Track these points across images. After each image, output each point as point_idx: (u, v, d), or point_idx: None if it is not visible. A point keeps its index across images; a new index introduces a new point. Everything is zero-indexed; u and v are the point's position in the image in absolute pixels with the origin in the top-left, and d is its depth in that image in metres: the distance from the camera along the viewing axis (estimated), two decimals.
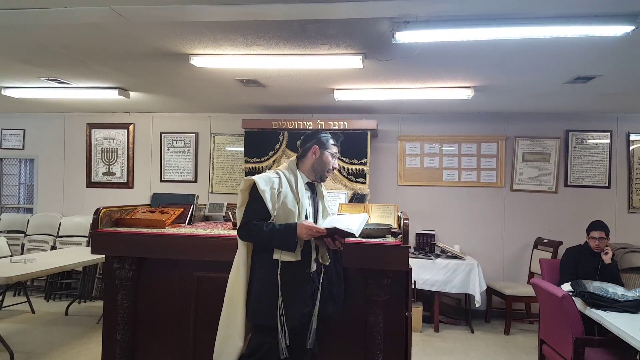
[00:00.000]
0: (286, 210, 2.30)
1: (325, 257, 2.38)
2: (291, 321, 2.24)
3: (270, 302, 2.23)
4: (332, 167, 2.45)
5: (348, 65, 3.66)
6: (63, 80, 4.60)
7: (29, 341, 4.41)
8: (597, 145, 5.60)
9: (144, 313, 2.97)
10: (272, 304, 2.22)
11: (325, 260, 2.37)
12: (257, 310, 2.28)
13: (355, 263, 2.63)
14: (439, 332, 5.01)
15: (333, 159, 2.46)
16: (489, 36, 2.87)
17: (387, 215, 3.26)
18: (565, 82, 4.17)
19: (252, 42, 3.29)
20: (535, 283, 3.53)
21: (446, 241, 5.62)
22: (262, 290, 2.29)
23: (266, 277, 2.27)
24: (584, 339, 2.98)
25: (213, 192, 6.22)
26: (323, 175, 2.46)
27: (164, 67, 4.01)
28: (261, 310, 2.26)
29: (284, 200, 2.31)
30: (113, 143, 6.51)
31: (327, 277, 2.41)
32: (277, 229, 2.23)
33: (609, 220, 4.49)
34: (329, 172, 2.47)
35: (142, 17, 2.80)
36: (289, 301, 2.23)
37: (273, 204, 2.28)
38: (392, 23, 2.79)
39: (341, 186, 5.26)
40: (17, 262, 4.25)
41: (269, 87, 4.67)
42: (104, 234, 2.91)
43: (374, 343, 2.63)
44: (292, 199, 2.33)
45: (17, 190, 6.99)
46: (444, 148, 5.83)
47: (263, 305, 2.26)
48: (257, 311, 2.29)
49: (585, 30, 2.75)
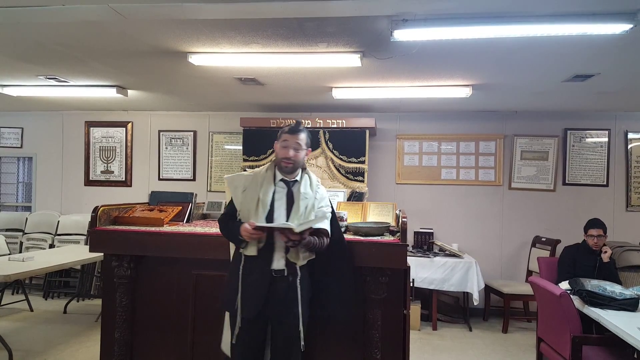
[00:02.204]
0: (248, 207, 2.37)
1: (295, 257, 2.33)
2: (246, 312, 2.32)
3: (230, 292, 2.37)
4: (284, 156, 2.39)
5: (346, 64, 3.66)
6: (61, 79, 4.59)
7: (27, 339, 4.41)
8: (596, 144, 5.61)
9: (142, 311, 2.97)
10: (232, 294, 2.36)
11: (294, 259, 2.34)
12: (222, 298, 2.46)
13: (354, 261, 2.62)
14: (437, 330, 5.02)
15: (285, 149, 2.38)
16: (487, 34, 2.87)
17: (386, 213, 3.26)
18: (563, 81, 4.18)
19: (250, 40, 3.29)
20: (533, 281, 3.54)
21: (444, 239, 5.63)
22: (228, 279, 2.44)
23: (232, 268, 2.42)
24: (582, 337, 2.99)
25: (211, 190, 6.23)
26: (280, 167, 2.43)
27: (162, 66, 4.01)
28: (224, 298, 2.42)
29: (248, 197, 2.38)
30: (111, 141, 6.50)
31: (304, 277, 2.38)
32: (229, 227, 2.40)
33: (607, 219, 4.50)
34: (283, 163, 2.40)
35: (141, 15, 2.79)
36: (245, 293, 2.33)
37: (237, 202, 2.42)
38: (391, 21, 2.79)
39: (339, 184, 5.26)
40: (16, 261, 4.25)
41: (268, 86, 4.66)
42: (102, 232, 2.91)
43: (372, 341, 2.63)
44: (254, 196, 2.37)
45: (15, 189, 6.98)
46: (442, 146, 5.84)
47: (226, 293, 2.41)
48: (222, 299, 2.46)
49: (584, 28, 2.75)
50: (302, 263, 2.37)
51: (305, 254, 2.37)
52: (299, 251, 2.33)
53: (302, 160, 2.46)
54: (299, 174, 2.48)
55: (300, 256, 2.35)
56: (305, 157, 2.48)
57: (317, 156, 5.38)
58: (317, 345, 2.75)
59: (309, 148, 2.50)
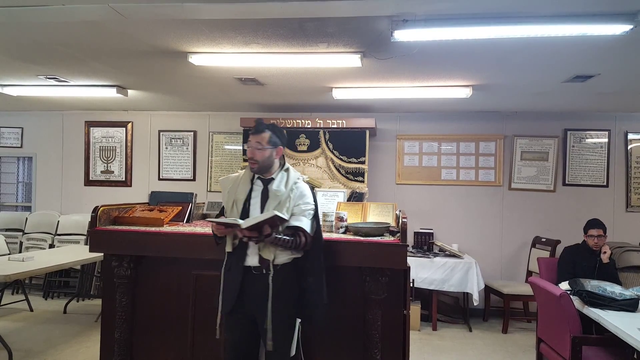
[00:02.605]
0: (228, 206, 2.49)
1: (268, 253, 2.35)
2: (223, 306, 2.43)
3: (218, 288, 2.48)
4: (248, 157, 2.46)
5: (347, 64, 3.66)
6: (61, 78, 4.59)
7: (27, 339, 4.41)
8: (596, 145, 5.61)
9: (142, 311, 2.97)
10: (218, 289, 2.47)
11: (267, 255, 2.35)
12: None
13: (353, 261, 2.62)
14: (437, 330, 5.02)
15: (249, 150, 2.45)
16: (488, 35, 2.87)
17: (386, 213, 3.26)
18: (563, 81, 4.17)
19: (250, 40, 3.29)
20: (533, 282, 3.53)
21: (444, 240, 5.63)
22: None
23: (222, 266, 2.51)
24: (582, 338, 2.99)
25: (211, 190, 6.22)
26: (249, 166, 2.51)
27: (163, 65, 4.01)
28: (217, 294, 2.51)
29: (230, 197, 2.49)
30: (111, 141, 6.50)
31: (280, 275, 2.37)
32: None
33: (607, 219, 4.50)
34: (250, 164, 2.46)
35: (141, 15, 2.79)
36: (224, 288, 2.44)
37: (224, 201, 2.56)
38: (391, 21, 2.79)
39: (340, 185, 5.26)
40: (16, 260, 4.25)
41: (268, 86, 4.66)
42: (102, 232, 2.91)
43: (372, 341, 2.63)
44: (232, 195, 2.48)
45: (15, 189, 6.98)
46: (443, 147, 5.84)
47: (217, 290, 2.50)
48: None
49: (584, 29, 2.75)
50: (281, 260, 2.37)
51: (282, 251, 2.36)
52: (273, 248, 2.34)
53: (268, 159, 2.44)
54: (277, 172, 2.49)
55: (274, 253, 2.35)
56: (273, 155, 2.46)
57: (317, 156, 5.38)
58: (316, 345, 2.75)
59: (279, 146, 2.48)
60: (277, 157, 2.49)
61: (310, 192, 2.50)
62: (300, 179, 2.53)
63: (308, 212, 2.41)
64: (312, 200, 2.47)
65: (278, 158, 2.50)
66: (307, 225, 2.38)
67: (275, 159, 2.48)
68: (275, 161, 2.48)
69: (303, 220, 2.37)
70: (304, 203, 2.42)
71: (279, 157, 2.50)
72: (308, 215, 2.41)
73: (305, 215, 2.39)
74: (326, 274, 2.48)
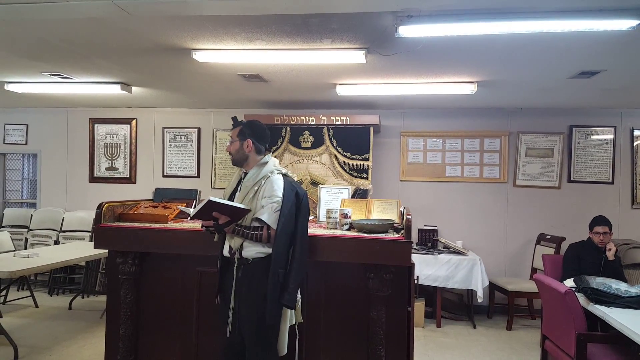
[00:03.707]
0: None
1: (233, 243, 2.44)
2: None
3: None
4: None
5: (351, 60, 3.65)
6: (66, 75, 4.61)
7: (32, 335, 4.44)
8: (601, 141, 5.58)
9: (147, 307, 2.98)
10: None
11: (234, 246, 2.44)
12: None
13: (358, 258, 2.62)
14: (441, 327, 5.01)
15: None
16: (493, 30, 2.85)
17: (390, 210, 3.25)
18: (569, 77, 4.15)
19: (254, 36, 3.28)
20: (538, 279, 3.52)
21: (449, 237, 5.62)
22: None
23: None
24: (587, 335, 2.98)
25: (215, 187, 6.23)
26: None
27: (167, 62, 4.01)
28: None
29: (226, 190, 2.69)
30: (116, 138, 6.51)
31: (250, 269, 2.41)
32: None
33: (613, 216, 4.47)
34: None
35: (145, 12, 2.79)
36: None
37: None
38: (396, 17, 2.78)
39: (343, 182, 5.26)
40: (21, 257, 4.26)
41: (272, 82, 4.66)
42: (107, 229, 2.91)
43: (376, 338, 2.63)
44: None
45: (20, 185, 7.02)
46: (447, 143, 5.82)
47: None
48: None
49: (590, 24, 2.72)
50: (250, 254, 2.42)
51: (251, 244, 2.41)
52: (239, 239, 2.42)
53: (238, 151, 2.54)
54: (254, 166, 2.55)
55: (238, 244, 2.42)
56: (244, 148, 2.52)
57: (321, 153, 5.38)
58: (321, 342, 2.76)
59: (247, 139, 2.52)
60: (249, 151, 2.53)
61: (281, 186, 2.44)
62: (274, 173, 2.50)
63: (272, 206, 2.39)
64: (280, 194, 2.41)
65: (250, 151, 2.53)
66: (268, 219, 2.37)
67: (247, 152, 2.53)
68: (249, 155, 2.54)
69: (265, 214, 2.38)
70: (269, 196, 2.41)
71: (251, 150, 2.53)
72: (272, 209, 2.38)
73: (269, 208, 2.38)
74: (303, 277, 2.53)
